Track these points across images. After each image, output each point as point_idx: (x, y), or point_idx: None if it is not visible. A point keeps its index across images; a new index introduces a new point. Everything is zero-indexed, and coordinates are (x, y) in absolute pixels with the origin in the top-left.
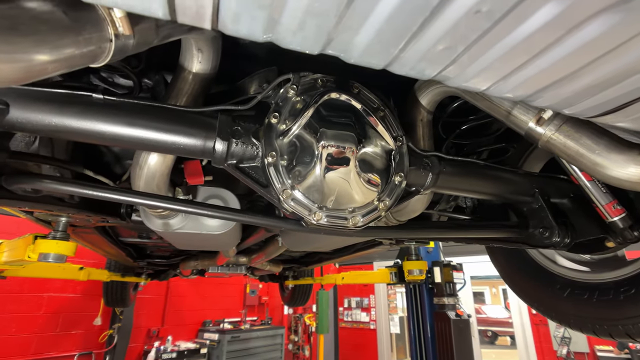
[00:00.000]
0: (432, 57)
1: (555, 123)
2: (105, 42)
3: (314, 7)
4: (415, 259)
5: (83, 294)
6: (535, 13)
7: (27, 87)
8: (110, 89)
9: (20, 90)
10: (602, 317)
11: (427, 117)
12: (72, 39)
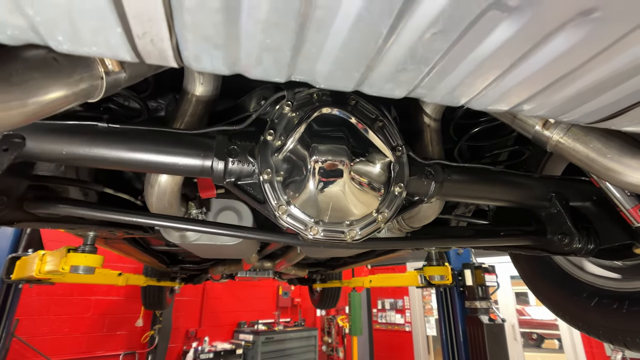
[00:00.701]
0: (398, 78)
1: (562, 126)
2: (97, 80)
3: (266, 44)
4: (436, 265)
5: (126, 297)
6: (493, 31)
7: (40, 121)
8: (121, 113)
9: (34, 125)
10: (634, 329)
11: (433, 123)
12: (64, 82)
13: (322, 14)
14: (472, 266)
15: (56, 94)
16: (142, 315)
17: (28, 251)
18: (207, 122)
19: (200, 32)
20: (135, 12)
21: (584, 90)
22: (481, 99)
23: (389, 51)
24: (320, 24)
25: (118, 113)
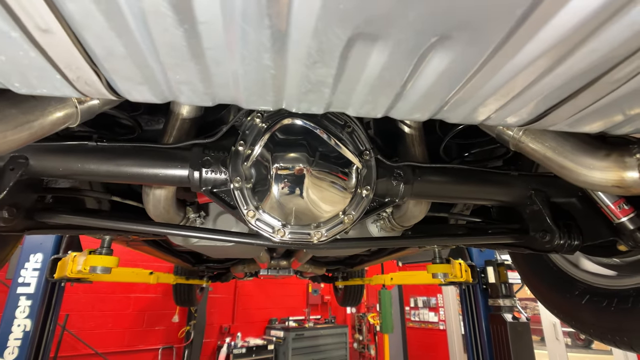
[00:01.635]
0: (307, 98)
1: (517, 129)
2: (72, 109)
3: (177, 79)
4: (439, 262)
5: (162, 295)
6: (369, 57)
7: (40, 143)
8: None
9: (35, 146)
10: (621, 328)
11: (414, 124)
12: (40, 114)
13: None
14: (494, 263)
15: (34, 125)
16: (177, 312)
17: (67, 253)
18: (194, 135)
19: (120, 73)
20: (64, 64)
21: (480, 100)
22: (393, 112)
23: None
24: (213, 60)
25: (118, 130)
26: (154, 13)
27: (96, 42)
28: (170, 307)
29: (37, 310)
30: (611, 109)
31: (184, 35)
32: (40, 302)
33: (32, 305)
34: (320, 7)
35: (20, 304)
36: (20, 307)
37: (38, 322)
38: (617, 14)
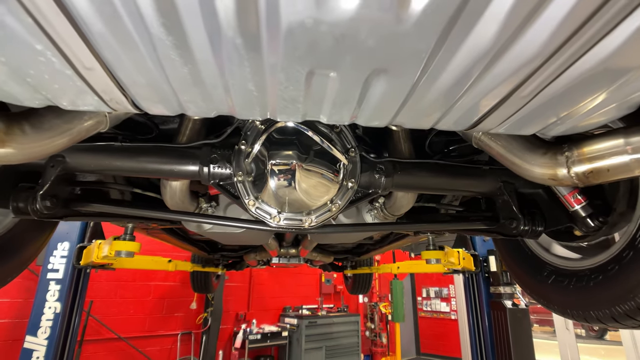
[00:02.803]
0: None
1: (478, 132)
2: (103, 117)
3: (184, 99)
4: (432, 249)
5: (181, 283)
6: (327, 86)
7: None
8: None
9: (71, 147)
10: (578, 304)
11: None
12: (78, 122)
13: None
14: (496, 252)
15: (74, 131)
16: (195, 299)
17: (92, 241)
18: (204, 133)
19: (142, 96)
20: (101, 89)
21: (421, 110)
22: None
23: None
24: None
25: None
26: (166, 58)
27: (125, 75)
28: (188, 294)
29: (66, 294)
30: (532, 116)
31: (189, 71)
32: (68, 286)
33: (61, 290)
34: (282, 53)
35: (50, 288)
36: (50, 291)
37: (67, 305)
38: (502, 53)
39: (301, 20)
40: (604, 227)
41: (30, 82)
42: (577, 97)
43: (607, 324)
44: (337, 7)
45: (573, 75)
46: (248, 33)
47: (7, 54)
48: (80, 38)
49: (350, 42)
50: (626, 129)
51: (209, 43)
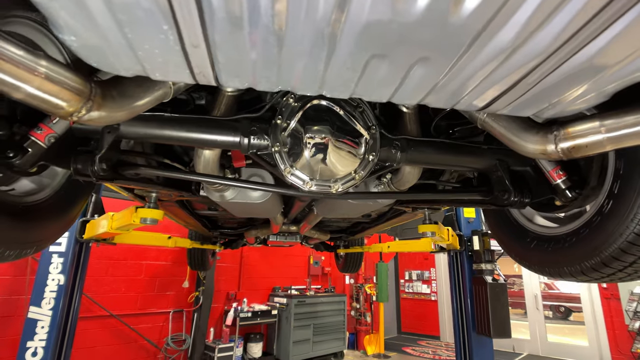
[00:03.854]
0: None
1: (482, 112)
2: (168, 89)
3: (261, 74)
4: (428, 223)
5: (172, 262)
6: (377, 69)
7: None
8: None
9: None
10: (554, 262)
11: (411, 106)
12: (152, 92)
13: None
14: (480, 233)
15: (147, 99)
16: (187, 278)
17: (94, 216)
18: (236, 109)
19: (230, 72)
20: (196, 65)
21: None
22: (394, 99)
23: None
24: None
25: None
26: (264, 42)
27: (222, 54)
28: (180, 273)
29: (69, 266)
30: (532, 101)
31: (277, 52)
32: (71, 259)
33: (64, 262)
34: (355, 43)
35: (53, 261)
36: (53, 263)
37: (70, 277)
38: (519, 47)
39: (378, 19)
40: (579, 199)
41: (139, 55)
42: (567, 87)
43: (575, 277)
44: (408, 10)
45: (567, 68)
46: (336, 28)
47: (134, 31)
48: (199, 20)
49: (409, 35)
50: (601, 114)
51: (307, 34)
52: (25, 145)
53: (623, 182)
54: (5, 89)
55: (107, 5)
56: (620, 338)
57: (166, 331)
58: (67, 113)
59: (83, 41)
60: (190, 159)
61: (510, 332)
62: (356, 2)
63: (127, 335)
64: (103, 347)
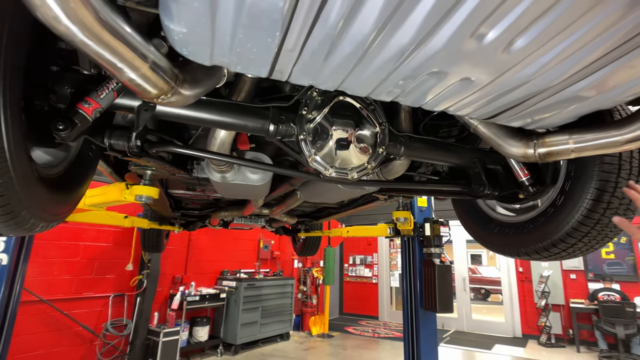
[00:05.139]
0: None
1: (476, 119)
2: (223, 77)
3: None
4: (402, 209)
5: (114, 244)
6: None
7: None
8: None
9: None
10: (514, 244)
11: (407, 107)
12: (213, 80)
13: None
14: (431, 220)
15: (209, 85)
16: (132, 260)
17: None
18: (254, 95)
19: (303, 71)
20: (280, 64)
21: (471, 102)
22: (425, 105)
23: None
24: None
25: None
26: (351, 52)
27: (311, 57)
28: (122, 256)
29: (13, 245)
30: (522, 117)
31: (356, 62)
32: (15, 238)
33: (7, 241)
34: (420, 61)
35: None
36: None
37: (13, 256)
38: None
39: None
40: (537, 193)
41: (235, 51)
42: (550, 110)
43: (530, 256)
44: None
45: (554, 98)
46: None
47: (247, 33)
48: (307, 31)
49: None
50: (570, 128)
51: (390, 53)
52: (74, 118)
53: (572, 182)
54: (112, 70)
55: (237, 9)
56: (530, 314)
57: (105, 316)
58: (154, 96)
59: (191, 34)
60: (190, 136)
61: (453, 308)
62: (435, 39)
63: (59, 321)
64: (28, 335)
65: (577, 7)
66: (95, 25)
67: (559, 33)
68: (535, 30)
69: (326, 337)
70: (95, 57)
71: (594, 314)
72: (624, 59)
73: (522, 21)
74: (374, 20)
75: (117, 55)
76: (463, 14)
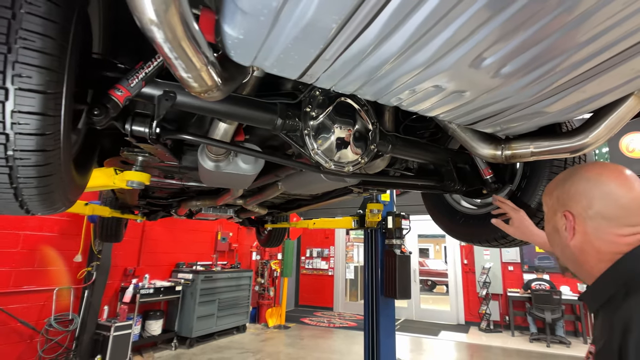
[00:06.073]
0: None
1: (455, 123)
2: (248, 74)
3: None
4: (375, 202)
5: (60, 233)
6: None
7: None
8: None
9: (181, 87)
10: (476, 234)
11: (391, 109)
12: (243, 76)
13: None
14: (393, 214)
15: (239, 82)
16: (80, 251)
17: None
18: (257, 89)
19: (329, 76)
20: (314, 69)
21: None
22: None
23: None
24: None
25: None
26: (379, 65)
27: (338, 68)
28: (69, 247)
29: None
30: (494, 125)
31: (384, 75)
32: None
33: None
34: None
35: None
36: None
37: None
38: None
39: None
40: (498, 189)
41: (278, 57)
42: (518, 121)
43: (490, 243)
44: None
45: (521, 112)
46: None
47: (297, 43)
48: (348, 44)
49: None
50: (531, 136)
51: (413, 69)
52: (107, 104)
53: (527, 180)
54: (173, 66)
55: (294, 25)
56: (473, 303)
57: (48, 311)
58: (201, 92)
59: (245, 41)
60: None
61: (411, 294)
62: (444, 61)
63: None
64: None
65: (556, 47)
66: (180, 30)
67: (538, 64)
68: (520, 60)
69: (283, 329)
70: (166, 53)
71: (527, 301)
72: (579, 85)
73: (513, 53)
74: (402, 42)
75: (186, 55)
76: (471, 45)
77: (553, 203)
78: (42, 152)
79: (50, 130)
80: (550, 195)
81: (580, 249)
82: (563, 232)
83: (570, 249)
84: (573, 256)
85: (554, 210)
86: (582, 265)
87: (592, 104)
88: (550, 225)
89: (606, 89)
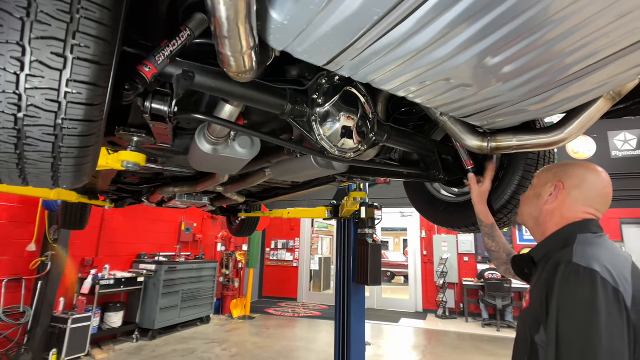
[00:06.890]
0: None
1: (447, 116)
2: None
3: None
4: (358, 190)
5: (9, 221)
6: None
7: (202, 65)
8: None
9: (199, 67)
10: (456, 220)
11: (384, 101)
12: (269, 59)
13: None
14: (366, 204)
15: (265, 64)
16: (34, 240)
17: None
18: (264, 74)
19: (354, 66)
20: (342, 58)
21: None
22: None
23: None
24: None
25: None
26: (406, 57)
27: (367, 57)
28: (21, 235)
29: None
30: (483, 119)
31: (408, 67)
32: None
33: None
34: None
35: None
36: None
37: None
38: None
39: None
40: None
41: (315, 44)
42: (505, 116)
43: (468, 229)
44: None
45: (511, 109)
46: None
47: (334, 31)
48: (380, 36)
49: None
50: (515, 130)
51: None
52: (136, 79)
53: (505, 171)
54: (222, 44)
55: (339, 14)
56: (430, 292)
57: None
58: (239, 72)
59: (287, 26)
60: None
61: (381, 281)
62: (460, 57)
63: None
64: None
65: (550, 52)
66: (243, 12)
67: (533, 66)
68: (520, 61)
69: (248, 319)
70: (222, 31)
71: (480, 289)
72: (564, 86)
73: (515, 55)
74: (429, 37)
75: (239, 36)
76: (485, 44)
77: (548, 177)
78: (88, 123)
79: (99, 102)
80: (549, 171)
81: (550, 212)
82: (545, 197)
83: (542, 211)
84: (540, 217)
85: (546, 182)
86: (541, 225)
87: (570, 104)
88: (534, 192)
89: (585, 91)
